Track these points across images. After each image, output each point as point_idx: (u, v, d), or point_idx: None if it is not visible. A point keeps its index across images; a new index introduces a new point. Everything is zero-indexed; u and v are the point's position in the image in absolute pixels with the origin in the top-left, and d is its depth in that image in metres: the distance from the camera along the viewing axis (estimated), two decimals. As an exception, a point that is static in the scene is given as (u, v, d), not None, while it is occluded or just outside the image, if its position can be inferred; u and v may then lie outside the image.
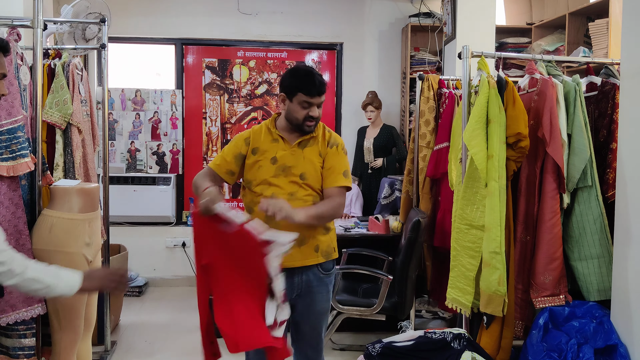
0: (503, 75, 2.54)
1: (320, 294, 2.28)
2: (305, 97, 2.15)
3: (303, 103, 2.16)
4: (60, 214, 2.43)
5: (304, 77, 2.17)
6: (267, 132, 2.27)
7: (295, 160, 2.21)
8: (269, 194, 2.17)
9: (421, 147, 3.53)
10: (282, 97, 2.21)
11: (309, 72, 2.19)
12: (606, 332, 2.22)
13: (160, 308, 4.47)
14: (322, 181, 2.24)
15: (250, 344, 2.03)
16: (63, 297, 1.74)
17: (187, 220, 5.17)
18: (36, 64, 2.61)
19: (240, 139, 2.28)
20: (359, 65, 5.31)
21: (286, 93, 2.20)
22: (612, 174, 2.45)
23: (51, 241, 2.41)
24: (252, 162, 2.24)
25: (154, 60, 5.31)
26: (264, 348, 1.99)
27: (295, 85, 2.16)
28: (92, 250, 2.52)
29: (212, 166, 2.28)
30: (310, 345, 2.33)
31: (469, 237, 2.54)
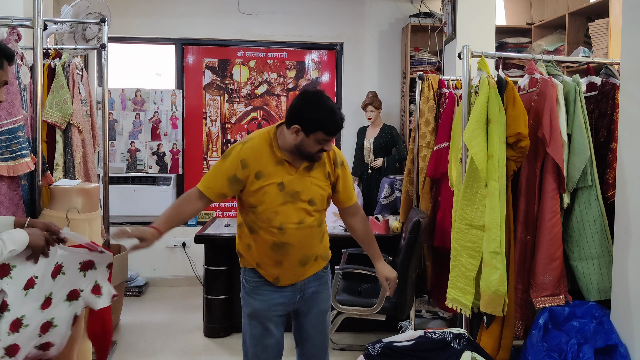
0: (503, 75, 2.54)
1: (322, 293, 2.29)
2: (325, 137, 2.02)
3: (321, 140, 2.03)
4: (60, 214, 2.43)
5: (326, 114, 2.00)
6: (270, 152, 2.09)
7: (303, 185, 2.10)
8: (277, 222, 2.09)
9: (421, 147, 3.53)
10: (296, 129, 2.01)
11: (332, 110, 2.01)
12: (606, 332, 2.22)
13: (160, 308, 4.47)
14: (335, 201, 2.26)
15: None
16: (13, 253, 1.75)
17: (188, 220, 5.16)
18: (36, 64, 2.61)
19: (235, 160, 2.07)
20: (359, 65, 5.31)
21: (303, 127, 2.01)
22: (612, 174, 2.45)
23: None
24: (256, 188, 2.08)
25: (154, 60, 5.31)
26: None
27: (316, 124, 2.00)
28: None
29: (202, 189, 2.12)
30: (315, 346, 2.33)
31: (469, 237, 2.54)
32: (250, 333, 2.23)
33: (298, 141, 2.04)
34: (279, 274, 2.17)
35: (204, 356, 3.54)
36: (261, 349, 2.21)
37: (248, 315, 2.23)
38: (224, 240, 3.80)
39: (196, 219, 5.16)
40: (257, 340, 2.21)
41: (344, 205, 2.28)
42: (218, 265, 3.82)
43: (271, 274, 2.17)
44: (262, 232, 2.12)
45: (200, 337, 3.82)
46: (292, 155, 2.10)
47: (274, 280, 2.18)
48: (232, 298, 3.85)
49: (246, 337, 2.26)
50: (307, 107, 2.03)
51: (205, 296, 3.84)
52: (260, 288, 2.20)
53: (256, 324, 2.21)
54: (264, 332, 2.20)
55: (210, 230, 3.96)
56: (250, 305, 2.22)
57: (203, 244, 3.85)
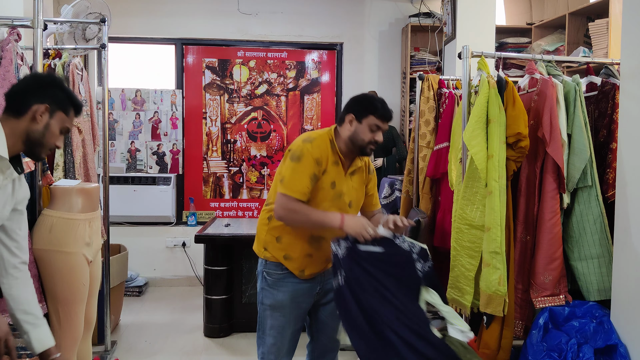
0: (503, 75, 2.54)
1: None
2: (376, 121, 2.18)
3: (373, 126, 2.18)
4: (60, 213, 2.43)
5: (377, 102, 2.21)
6: (332, 152, 2.21)
7: (347, 188, 2.25)
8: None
9: (421, 147, 3.53)
10: (351, 118, 2.19)
11: (381, 99, 2.24)
12: (606, 332, 2.22)
13: (160, 308, 4.47)
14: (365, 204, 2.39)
15: None
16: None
17: (187, 220, 5.17)
18: (36, 64, 2.61)
19: (311, 159, 2.13)
20: (359, 65, 5.31)
21: (356, 115, 2.19)
22: (612, 174, 2.45)
23: (51, 241, 2.39)
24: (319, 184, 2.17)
25: (154, 60, 5.31)
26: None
27: (368, 109, 2.18)
28: (92, 250, 2.51)
29: (300, 196, 2.10)
30: (331, 338, 2.42)
31: (469, 237, 2.54)
32: (273, 324, 2.27)
33: (352, 131, 2.19)
34: (306, 266, 2.23)
35: (204, 356, 3.54)
36: (281, 340, 2.27)
37: (270, 306, 2.27)
38: (224, 240, 3.80)
39: (196, 219, 5.17)
40: (278, 331, 2.27)
41: (371, 209, 2.41)
42: (218, 265, 3.82)
43: (298, 266, 2.23)
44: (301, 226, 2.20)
45: (200, 337, 3.82)
46: (345, 155, 2.23)
47: (299, 273, 2.23)
48: (232, 298, 3.85)
49: (265, 329, 2.29)
50: (359, 98, 2.26)
51: (205, 296, 3.84)
52: (283, 280, 2.25)
53: (279, 315, 2.26)
54: (286, 323, 2.27)
55: (210, 230, 3.96)
56: (272, 297, 2.26)
57: (203, 244, 3.85)
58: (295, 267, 2.23)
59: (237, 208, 5.36)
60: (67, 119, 1.89)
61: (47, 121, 1.83)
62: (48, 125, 1.84)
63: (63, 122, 1.88)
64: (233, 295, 3.85)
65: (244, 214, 5.35)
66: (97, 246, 2.60)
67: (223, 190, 5.34)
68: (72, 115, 1.91)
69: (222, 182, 5.33)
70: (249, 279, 3.88)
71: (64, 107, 1.88)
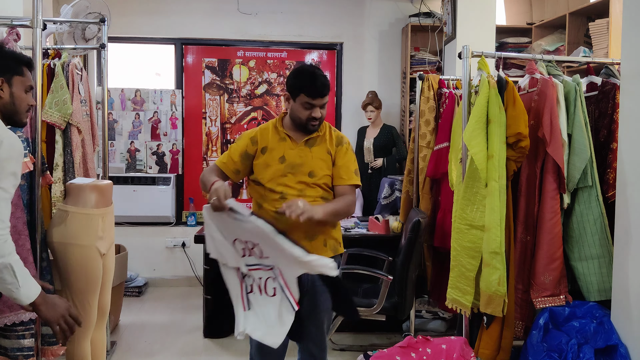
0: (503, 75, 2.53)
1: (326, 292, 2.29)
2: (307, 99, 2.18)
3: (305, 104, 2.19)
4: (75, 209, 2.52)
5: (306, 78, 2.19)
6: (275, 130, 2.29)
7: (304, 158, 2.25)
8: (279, 190, 2.22)
9: (421, 147, 3.53)
10: (287, 96, 2.25)
11: (312, 73, 2.20)
12: (606, 332, 2.22)
13: (160, 308, 4.46)
14: (332, 179, 2.29)
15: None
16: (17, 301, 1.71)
17: (187, 220, 5.17)
18: (36, 64, 2.60)
19: (247, 138, 2.31)
20: (359, 65, 5.30)
21: (290, 93, 2.23)
22: (612, 174, 2.44)
23: (66, 234, 2.49)
24: (261, 162, 2.26)
25: (154, 60, 5.31)
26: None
27: (298, 86, 2.19)
28: (105, 244, 2.60)
29: (219, 164, 2.30)
30: (315, 344, 2.36)
31: (469, 237, 2.53)
32: None
33: (290, 109, 2.25)
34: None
35: (204, 356, 3.54)
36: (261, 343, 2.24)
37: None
38: (223, 240, 3.79)
39: (196, 219, 5.16)
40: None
41: (336, 183, 2.30)
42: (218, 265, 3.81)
43: None
44: (265, 204, 2.24)
45: (200, 337, 3.82)
46: (293, 131, 2.28)
47: None
48: (232, 298, 3.84)
49: None
50: (292, 74, 2.25)
51: (205, 296, 3.84)
52: None
53: None
54: None
55: (210, 230, 3.95)
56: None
57: (203, 244, 3.84)
58: None
59: (237, 208, 5.35)
60: (25, 78, 1.95)
61: (9, 91, 1.91)
62: (12, 94, 1.92)
63: (23, 83, 1.95)
64: (233, 296, 3.85)
65: (244, 214, 5.33)
66: (110, 240, 2.69)
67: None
68: (27, 72, 1.96)
69: (222, 182, 5.32)
70: (248, 279, 3.88)
71: (16, 70, 1.93)
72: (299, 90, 2.18)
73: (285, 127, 2.29)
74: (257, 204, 2.32)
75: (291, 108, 2.24)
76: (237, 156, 2.29)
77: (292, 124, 2.28)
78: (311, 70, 2.23)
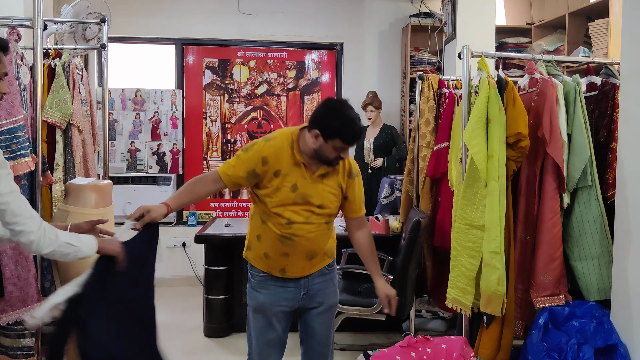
0: (503, 75, 2.54)
1: (328, 289, 2.33)
2: (342, 144, 2.08)
3: (338, 148, 2.09)
4: (75, 208, 2.53)
5: (346, 125, 2.06)
6: (290, 154, 2.14)
7: (315, 190, 2.16)
8: (286, 217, 2.15)
9: (421, 147, 3.53)
10: (316, 134, 2.07)
11: (351, 120, 2.07)
12: (606, 331, 2.22)
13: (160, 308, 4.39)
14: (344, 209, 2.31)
15: None
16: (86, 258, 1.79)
17: (187, 220, 5.17)
18: (36, 64, 2.61)
19: (258, 155, 2.12)
20: (359, 65, 5.30)
21: (322, 133, 2.07)
22: (612, 174, 2.45)
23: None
24: (273, 185, 2.14)
25: (154, 60, 5.31)
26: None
27: (336, 132, 2.05)
28: None
29: (222, 175, 2.15)
30: (321, 342, 2.38)
31: (469, 237, 2.54)
32: (254, 326, 2.29)
33: (317, 146, 2.10)
34: (286, 265, 2.22)
35: (204, 356, 3.54)
36: (264, 342, 2.27)
37: (253, 308, 2.29)
38: (224, 240, 3.80)
39: (196, 219, 5.17)
40: (260, 333, 2.27)
41: (351, 215, 2.33)
42: (218, 265, 3.82)
43: (278, 264, 2.22)
44: (270, 223, 2.18)
45: (200, 337, 3.82)
46: (310, 159, 2.15)
47: (280, 272, 2.22)
48: (232, 298, 3.85)
49: (250, 330, 2.32)
50: (329, 114, 2.09)
51: (205, 296, 3.84)
52: (265, 282, 2.25)
53: (260, 317, 2.27)
54: (267, 325, 2.26)
55: (210, 230, 3.96)
56: (255, 299, 2.28)
57: (203, 244, 3.85)
58: (275, 265, 2.22)
59: (237, 208, 5.36)
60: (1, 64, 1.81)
61: None
62: None
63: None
64: (233, 295, 3.85)
65: (244, 214, 5.34)
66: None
67: (223, 190, 5.34)
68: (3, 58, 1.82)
69: (222, 182, 5.33)
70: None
71: None
72: (335, 135, 2.05)
73: (301, 153, 2.14)
74: (260, 218, 2.22)
75: (320, 146, 2.09)
76: (243, 172, 2.13)
77: (311, 154, 2.13)
78: (350, 115, 2.08)
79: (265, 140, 2.17)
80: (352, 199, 2.28)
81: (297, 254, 2.20)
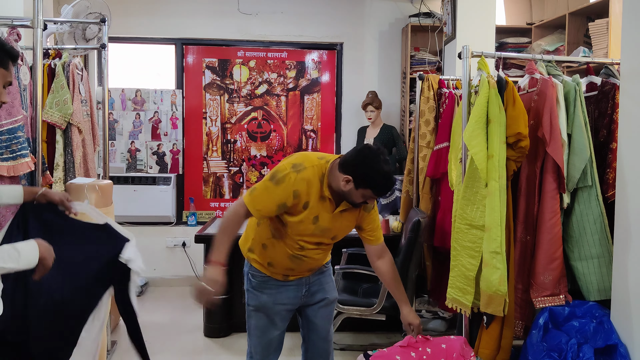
0: (503, 75, 2.54)
1: (327, 284, 2.39)
2: (372, 195, 2.09)
3: (367, 197, 2.10)
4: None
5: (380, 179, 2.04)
6: (319, 188, 2.11)
7: (334, 224, 2.19)
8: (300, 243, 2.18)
9: (421, 147, 3.53)
10: (348, 179, 2.04)
11: (386, 175, 2.05)
12: (606, 331, 2.22)
13: (160, 308, 4.47)
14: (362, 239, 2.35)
15: None
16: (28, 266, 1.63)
17: (188, 220, 5.17)
18: (36, 64, 2.61)
19: (288, 189, 2.06)
20: (359, 65, 5.31)
21: (355, 181, 2.04)
22: (612, 174, 2.45)
23: None
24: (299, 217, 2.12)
25: (154, 60, 5.31)
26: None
27: (369, 183, 2.04)
28: None
29: (252, 211, 2.09)
30: (322, 337, 2.40)
31: (469, 237, 2.54)
32: (256, 325, 2.30)
33: (346, 190, 2.07)
34: (289, 274, 2.28)
35: (204, 356, 3.54)
36: (265, 341, 2.29)
37: (254, 307, 2.30)
38: (224, 240, 3.79)
39: (196, 219, 5.16)
40: (262, 332, 2.29)
41: (369, 244, 2.34)
42: (218, 265, 3.81)
43: (281, 274, 2.27)
44: (283, 243, 2.20)
45: (200, 337, 3.82)
46: (335, 196, 2.14)
47: (282, 277, 2.27)
48: (232, 298, 3.85)
49: (250, 327, 2.33)
50: (365, 165, 2.04)
51: (205, 296, 3.84)
52: (267, 283, 2.27)
53: (262, 316, 2.28)
54: (269, 324, 2.28)
55: (210, 230, 3.96)
56: (256, 299, 2.29)
57: (203, 244, 3.85)
58: (278, 274, 2.27)
59: (237, 208, 5.35)
60: (8, 73, 1.82)
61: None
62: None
63: (5, 77, 1.81)
64: (233, 295, 3.85)
65: (244, 214, 5.34)
66: None
67: (223, 190, 5.34)
68: (11, 68, 1.83)
69: (222, 182, 5.33)
70: (249, 279, 3.88)
71: (3, 62, 1.79)
72: (368, 187, 2.04)
73: (329, 188, 2.12)
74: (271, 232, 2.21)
75: (348, 191, 2.07)
76: (274, 205, 2.08)
77: (337, 192, 2.11)
78: (385, 170, 2.04)
79: (296, 171, 2.08)
80: (368, 228, 2.30)
81: (301, 269, 2.27)
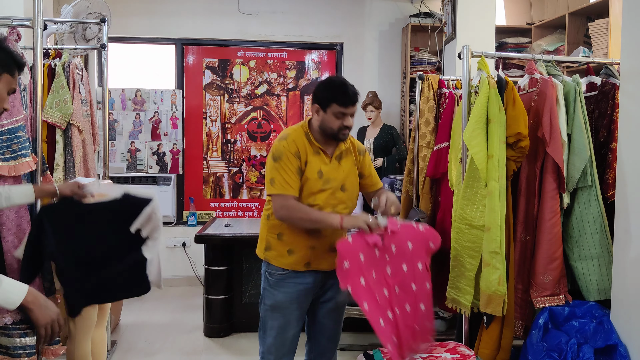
0: (503, 75, 2.54)
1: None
2: (339, 108, 2.18)
3: (337, 114, 2.19)
4: None
5: (338, 88, 2.20)
6: (309, 143, 2.25)
7: (337, 173, 2.27)
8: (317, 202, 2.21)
9: (421, 147, 3.53)
10: (316, 108, 2.23)
11: (342, 83, 2.21)
12: (606, 331, 2.22)
13: (160, 308, 4.47)
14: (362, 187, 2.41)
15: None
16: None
17: (187, 220, 5.17)
18: (36, 64, 2.61)
19: (290, 155, 2.20)
20: (359, 65, 5.31)
21: (320, 104, 2.21)
22: (612, 174, 2.45)
23: None
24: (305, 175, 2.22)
25: (154, 60, 5.31)
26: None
27: (330, 97, 2.19)
28: None
29: (291, 192, 2.18)
30: (329, 338, 2.42)
31: (469, 237, 2.54)
32: (272, 325, 2.30)
33: (320, 121, 2.22)
34: (311, 258, 2.26)
35: (204, 356, 3.54)
36: (281, 341, 2.30)
37: (270, 306, 2.31)
38: (224, 240, 3.80)
39: (196, 219, 5.17)
40: (279, 332, 2.29)
41: (372, 189, 2.43)
42: (218, 265, 3.82)
43: (303, 259, 2.25)
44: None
45: (200, 337, 3.82)
46: (324, 142, 2.26)
47: (305, 266, 2.26)
48: (232, 298, 3.85)
49: (266, 328, 2.33)
50: (321, 86, 2.25)
51: (205, 296, 3.84)
52: (284, 281, 2.28)
53: (278, 316, 2.29)
54: (286, 324, 2.29)
55: (210, 230, 3.96)
56: (273, 297, 2.29)
57: (203, 244, 3.85)
58: (300, 260, 2.25)
59: (237, 208, 5.36)
60: (13, 80, 1.83)
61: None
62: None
63: (10, 84, 1.82)
64: (233, 295, 3.85)
65: (244, 214, 5.35)
66: None
67: (223, 190, 5.34)
68: (16, 75, 1.85)
69: (222, 182, 5.33)
70: (249, 279, 3.88)
71: (9, 68, 1.81)
72: (331, 101, 2.18)
73: (317, 141, 2.26)
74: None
75: (322, 119, 2.22)
76: (296, 174, 2.20)
77: (321, 135, 2.25)
78: (341, 80, 2.25)
79: (284, 140, 2.24)
80: (368, 174, 2.41)
81: (324, 245, 2.25)
